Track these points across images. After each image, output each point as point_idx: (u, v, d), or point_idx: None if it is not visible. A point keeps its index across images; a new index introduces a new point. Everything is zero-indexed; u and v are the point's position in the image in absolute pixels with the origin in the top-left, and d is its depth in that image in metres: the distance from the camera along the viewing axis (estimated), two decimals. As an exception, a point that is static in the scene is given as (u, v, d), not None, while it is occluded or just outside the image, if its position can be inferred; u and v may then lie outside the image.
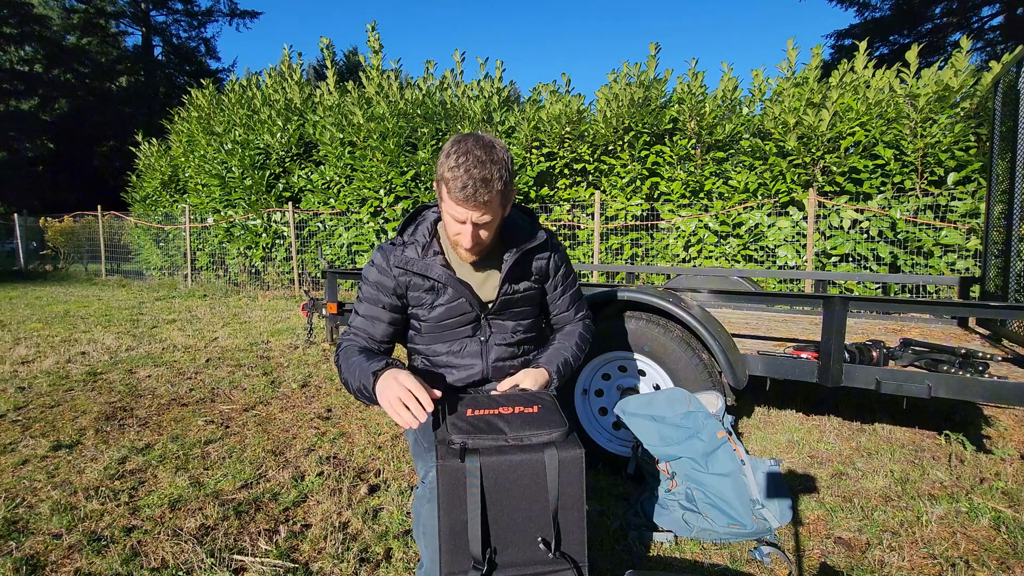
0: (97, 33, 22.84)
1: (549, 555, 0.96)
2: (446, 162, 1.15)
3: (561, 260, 1.45)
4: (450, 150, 1.16)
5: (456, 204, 1.16)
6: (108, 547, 1.66)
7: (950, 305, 1.85)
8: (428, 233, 1.33)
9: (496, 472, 0.99)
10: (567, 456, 1.01)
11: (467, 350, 1.36)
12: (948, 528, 1.77)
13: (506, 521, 0.99)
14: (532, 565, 0.97)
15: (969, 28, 15.20)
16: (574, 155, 7.15)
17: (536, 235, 1.37)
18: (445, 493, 0.98)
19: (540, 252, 1.39)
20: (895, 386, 1.77)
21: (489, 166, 1.13)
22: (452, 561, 0.95)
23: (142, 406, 3.04)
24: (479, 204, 1.15)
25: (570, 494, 1.00)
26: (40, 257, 14.46)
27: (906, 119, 5.36)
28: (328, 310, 2.93)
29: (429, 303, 1.31)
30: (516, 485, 1.00)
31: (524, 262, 1.36)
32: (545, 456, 1.00)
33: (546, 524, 0.99)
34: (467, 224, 1.19)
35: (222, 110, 9.81)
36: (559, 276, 1.44)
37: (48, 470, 2.19)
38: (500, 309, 1.35)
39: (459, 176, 1.12)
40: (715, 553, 1.63)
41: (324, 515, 1.84)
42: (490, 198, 1.15)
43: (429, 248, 1.31)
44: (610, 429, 2.20)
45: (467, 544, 0.96)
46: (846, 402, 3.09)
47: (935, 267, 5.27)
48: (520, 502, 0.99)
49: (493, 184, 1.14)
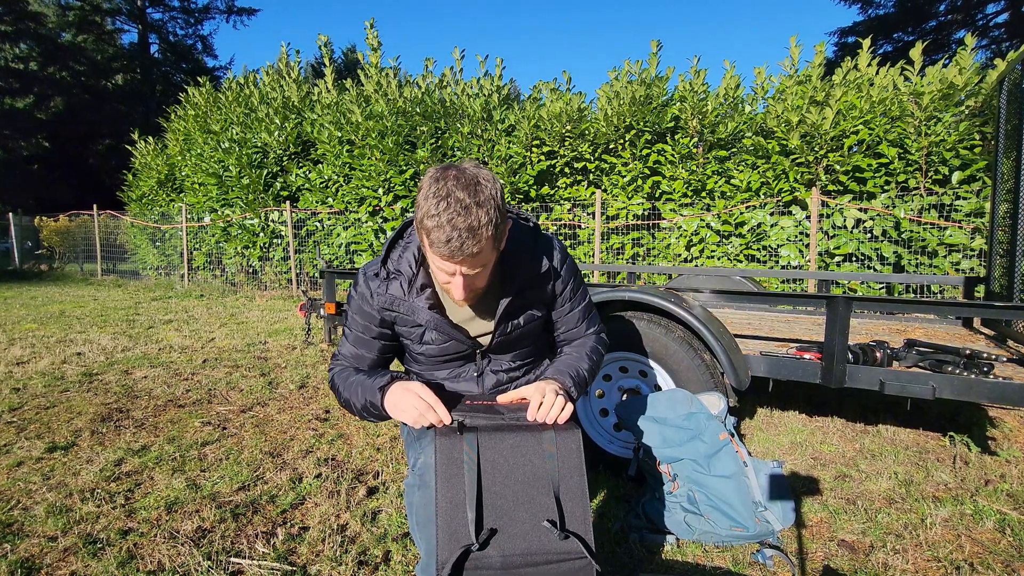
0: (93, 30, 22.73)
1: (557, 534, 0.93)
2: (425, 205, 0.98)
3: (569, 276, 1.27)
4: (429, 191, 0.98)
5: (441, 259, 1.00)
6: (104, 550, 1.64)
7: (954, 305, 1.84)
8: (414, 263, 1.17)
9: (494, 450, 0.98)
10: (565, 435, 1.00)
11: (463, 376, 1.29)
12: (952, 531, 1.76)
13: (506, 503, 0.96)
14: (538, 554, 0.94)
15: (974, 25, 15.16)
16: (575, 154, 7.13)
17: (539, 261, 1.20)
18: (442, 470, 0.96)
19: (543, 281, 1.23)
20: (899, 387, 1.76)
21: (475, 211, 0.95)
22: (450, 541, 0.93)
23: (138, 407, 3.02)
24: (467, 257, 0.99)
25: (571, 473, 0.99)
26: (35, 257, 14.41)
27: (910, 117, 5.35)
28: (326, 310, 2.91)
29: (417, 339, 1.22)
30: (515, 464, 0.98)
31: (524, 294, 1.22)
32: (543, 436, 1.00)
33: (548, 505, 0.97)
34: (456, 276, 1.04)
35: (219, 108, 9.76)
36: (566, 293, 1.28)
37: (43, 472, 2.18)
38: (497, 348, 1.26)
39: (442, 227, 0.95)
40: (717, 556, 1.62)
41: (322, 517, 1.83)
42: (479, 248, 0.98)
43: (415, 283, 1.16)
44: (611, 430, 2.19)
45: (465, 523, 0.93)
46: (849, 403, 3.08)
47: (939, 267, 5.26)
48: (520, 484, 0.98)
49: (481, 232, 0.96)
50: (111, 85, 23.80)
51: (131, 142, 11.37)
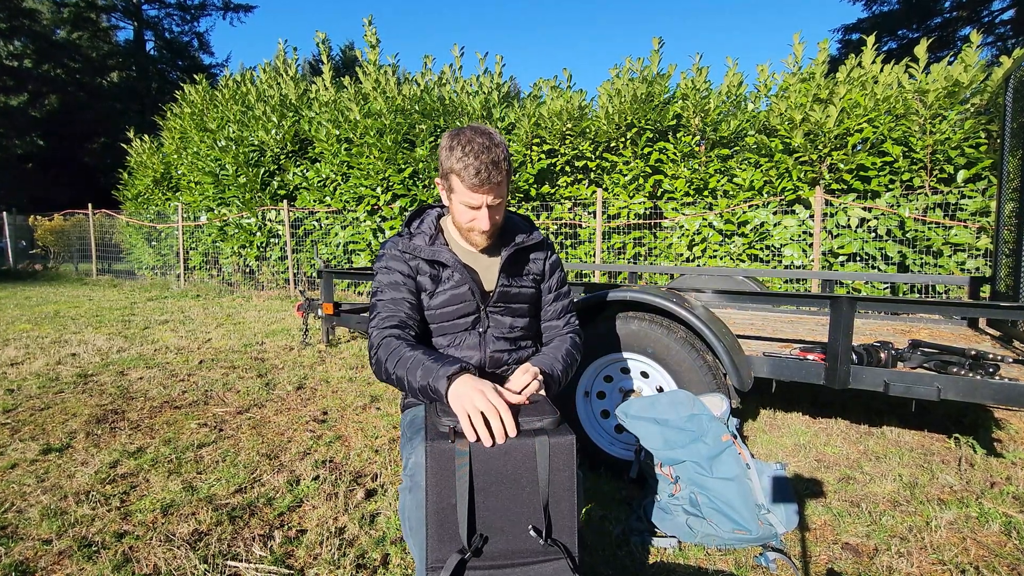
0: (88, 27, 22.62)
1: (540, 542, 0.95)
2: (451, 155, 1.23)
3: (558, 264, 1.51)
4: (452, 144, 1.23)
5: (471, 191, 1.23)
6: (99, 553, 1.63)
7: (960, 306, 1.83)
8: (433, 226, 1.41)
9: (486, 456, 0.98)
10: (558, 442, 1.00)
11: (466, 343, 1.38)
12: (958, 534, 1.75)
13: (496, 508, 0.97)
14: (521, 555, 0.96)
15: (979, 22, 15.09)
16: (575, 152, 7.10)
17: (532, 234, 1.44)
18: (433, 476, 0.96)
19: (537, 251, 1.46)
20: (903, 388, 1.76)
21: (494, 149, 1.22)
22: (439, 547, 0.93)
23: (134, 409, 3.00)
24: (493, 186, 1.23)
25: (561, 481, 0.99)
26: (30, 256, 14.33)
27: (915, 115, 5.31)
28: (324, 311, 2.89)
29: (432, 290, 1.36)
30: (506, 470, 0.99)
31: (521, 259, 1.43)
32: (536, 442, 0.99)
33: (536, 512, 0.98)
34: (482, 208, 1.26)
35: (216, 106, 9.71)
36: (555, 280, 1.49)
37: (38, 474, 2.16)
38: (499, 301, 1.39)
39: (471, 164, 1.20)
40: (720, 559, 1.60)
41: (320, 520, 1.82)
42: (501, 179, 1.24)
43: (436, 239, 1.38)
44: (612, 432, 2.17)
45: (455, 529, 0.94)
46: (853, 405, 3.07)
47: (945, 266, 5.23)
48: (510, 489, 0.98)
49: (501, 165, 1.23)
50: (106, 83, 23.70)
51: (126, 140, 11.31)
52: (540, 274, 1.46)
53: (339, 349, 4.52)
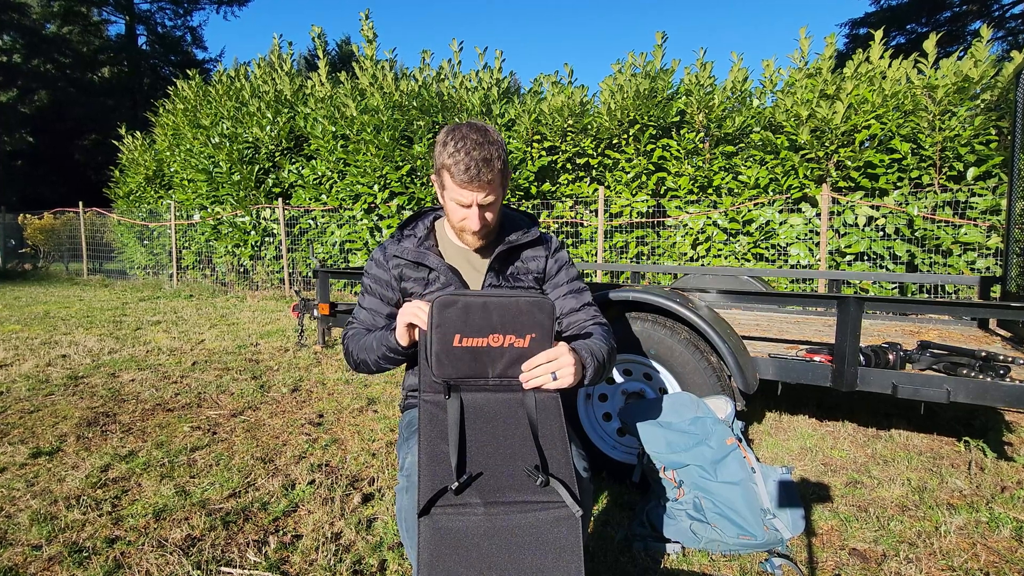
0: (78, 21, 22.37)
1: (539, 477, 0.97)
2: (444, 151, 1.21)
3: (564, 261, 1.44)
4: (446, 139, 1.22)
5: (460, 188, 1.21)
6: (90, 559, 1.61)
7: (970, 306, 1.81)
8: (426, 229, 1.39)
9: (477, 407, 1.06)
10: (542, 397, 1.09)
11: None
12: (968, 539, 1.73)
13: (489, 456, 1.02)
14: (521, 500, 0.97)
15: (989, 16, 14.97)
16: (577, 149, 7.06)
17: (529, 231, 1.39)
18: (425, 426, 1.02)
19: (532, 248, 1.40)
20: (912, 390, 1.74)
21: (487, 147, 1.19)
22: (431, 489, 0.95)
23: (125, 411, 2.97)
24: (483, 184, 1.20)
25: (551, 428, 1.07)
26: (19, 256, 14.22)
27: (924, 111, 5.26)
28: (320, 311, 2.85)
29: (421, 293, 1.34)
30: (497, 420, 1.06)
31: (514, 258, 1.38)
32: (526, 396, 1.09)
33: (531, 457, 1.02)
34: (473, 207, 1.23)
35: (209, 102, 9.62)
36: (562, 276, 1.41)
37: (27, 478, 2.13)
38: None
39: (461, 160, 1.18)
40: (724, 565, 1.59)
41: (316, 525, 1.80)
42: (492, 177, 1.20)
43: (425, 241, 1.37)
44: (614, 435, 2.15)
45: (449, 470, 0.97)
46: (861, 407, 3.05)
47: (954, 266, 5.19)
48: (503, 439, 1.04)
49: (494, 163, 1.20)
50: (97, 78, 23.47)
51: (118, 137, 11.20)
52: (541, 273, 1.40)
53: (335, 350, 4.48)
